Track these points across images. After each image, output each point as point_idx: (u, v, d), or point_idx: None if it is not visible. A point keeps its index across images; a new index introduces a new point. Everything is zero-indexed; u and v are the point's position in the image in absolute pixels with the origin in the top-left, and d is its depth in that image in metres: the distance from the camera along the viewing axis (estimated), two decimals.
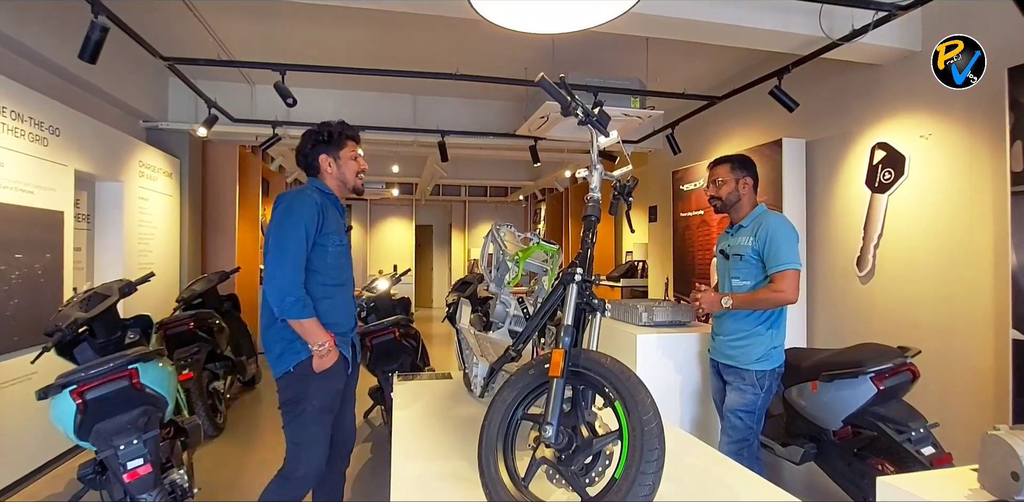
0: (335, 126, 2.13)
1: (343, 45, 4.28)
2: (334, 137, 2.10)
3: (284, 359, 1.99)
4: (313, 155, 2.10)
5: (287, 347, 1.98)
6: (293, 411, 1.99)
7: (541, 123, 4.27)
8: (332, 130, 2.11)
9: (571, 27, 1.66)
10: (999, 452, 1.17)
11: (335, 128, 2.12)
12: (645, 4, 2.06)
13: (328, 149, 2.10)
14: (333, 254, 2.04)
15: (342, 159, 2.11)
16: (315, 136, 2.10)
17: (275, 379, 2.03)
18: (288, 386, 2.00)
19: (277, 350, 1.99)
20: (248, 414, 4.52)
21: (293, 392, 1.99)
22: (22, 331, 3.03)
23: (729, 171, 2.47)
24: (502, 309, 1.90)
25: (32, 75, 3.39)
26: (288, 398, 2.00)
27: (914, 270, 3.10)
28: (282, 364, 1.99)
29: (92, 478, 2.03)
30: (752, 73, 4.04)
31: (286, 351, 1.98)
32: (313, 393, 1.98)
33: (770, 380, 2.35)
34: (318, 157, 2.10)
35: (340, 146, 2.11)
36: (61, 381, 1.99)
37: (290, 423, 2.00)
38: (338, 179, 2.13)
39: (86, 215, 4.19)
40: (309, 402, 1.98)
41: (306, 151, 2.11)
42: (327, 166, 2.11)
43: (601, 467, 1.16)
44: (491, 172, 9.72)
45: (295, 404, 1.99)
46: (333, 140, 2.10)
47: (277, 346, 1.99)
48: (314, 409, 1.99)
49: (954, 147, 2.91)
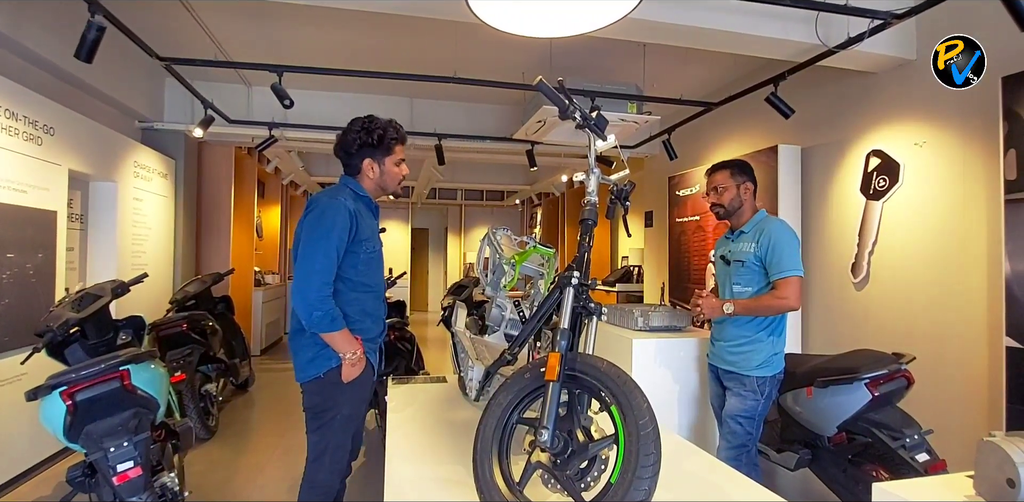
0: (386, 128, 2.01)
1: (341, 47, 4.28)
2: (384, 142, 1.99)
3: (315, 364, 1.93)
4: (358, 157, 2.01)
5: (319, 352, 1.92)
6: (320, 418, 1.95)
7: (538, 127, 4.28)
8: (383, 132, 1.99)
9: (569, 31, 1.67)
10: (994, 459, 1.17)
11: (387, 131, 2.00)
12: (643, 10, 2.07)
13: (375, 153, 2.00)
14: (364, 261, 1.97)
15: (387, 165, 2.03)
16: (363, 137, 1.98)
17: (300, 382, 1.97)
18: (316, 392, 1.95)
19: (308, 355, 1.94)
20: (240, 417, 4.49)
21: (321, 399, 1.95)
22: (12, 332, 3.00)
23: (729, 177, 2.45)
24: (498, 312, 1.90)
25: (27, 74, 3.37)
26: (315, 404, 1.96)
27: (908, 277, 3.12)
28: (312, 369, 1.94)
29: (81, 481, 2.00)
30: (748, 80, 4.06)
31: (318, 356, 1.92)
32: (343, 401, 1.95)
33: (770, 386, 2.34)
34: (363, 160, 2.01)
35: (388, 152, 2.02)
36: (51, 382, 1.96)
37: (316, 430, 1.97)
38: (377, 184, 2.06)
39: (79, 215, 4.16)
40: (338, 410, 1.95)
41: (351, 150, 2.00)
42: (369, 170, 2.02)
43: (597, 472, 1.16)
44: (488, 176, 9.72)
45: (323, 411, 1.95)
46: (382, 145, 2.00)
47: (309, 351, 1.94)
48: (343, 417, 1.96)
49: (948, 155, 2.93)
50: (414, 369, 3.83)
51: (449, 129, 5.34)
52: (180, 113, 5.08)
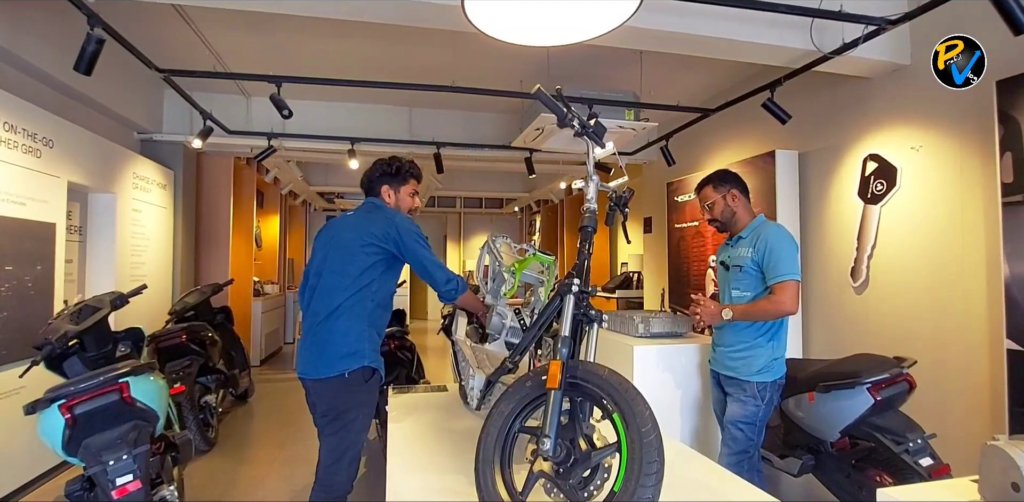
0: (404, 163, 2.32)
1: (339, 57, 4.31)
2: (400, 173, 2.30)
3: (347, 360, 2.00)
4: (378, 183, 2.29)
5: (356, 349, 2.02)
6: (341, 420, 2.02)
7: (537, 135, 4.30)
8: (400, 165, 2.30)
9: (566, 40, 1.67)
10: (999, 463, 1.16)
11: (403, 164, 2.31)
12: (639, 18, 2.08)
13: (391, 182, 2.29)
14: (394, 281, 2.24)
15: (401, 194, 2.31)
16: (383, 167, 2.29)
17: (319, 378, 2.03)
18: (336, 393, 2.02)
19: (343, 350, 2.01)
20: (240, 428, 4.46)
21: (341, 400, 2.02)
22: (11, 345, 2.99)
23: (713, 190, 2.49)
24: (498, 320, 1.89)
25: (26, 86, 3.38)
26: (335, 406, 2.02)
27: (908, 280, 3.11)
28: (342, 364, 2.00)
29: (80, 495, 1.98)
30: (745, 86, 4.08)
31: (355, 353, 2.02)
32: (363, 402, 2.04)
33: (771, 392, 2.34)
34: (381, 187, 2.29)
35: (403, 182, 2.31)
36: (50, 395, 1.95)
37: (337, 432, 2.02)
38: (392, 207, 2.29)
39: (78, 227, 4.16)
40: (359, 411, 2.03)
41: (373, 177, 2.30)
42: (386, 196, 2.29)
43: (599, 480, 1.15)
44: (487, 184, 9.74)
45: (343, 412, 2.01)
46: (398, 175, 2.29)
47: (344, 346, 2.02)
48: (362, 419, 2.04)
49: (945, 159, 2.94)
50: (414, 378, 3.82)
51: (448, 137, 5.36)
52: (179, 124, 5.09)
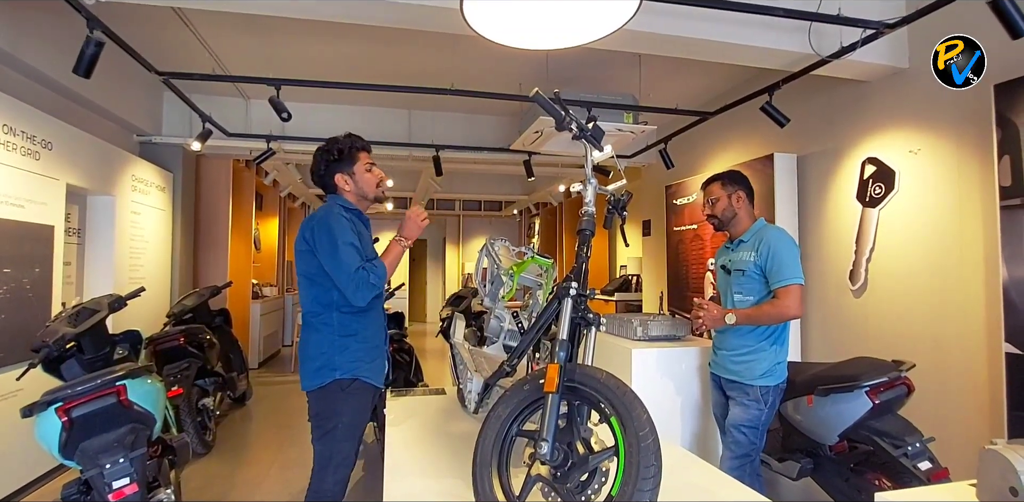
0: (343, 141, 2.12)
1: (338, 60, 4.31)
2: (345, 153, 2.10)
3: (320, 374, 1.99)
4: (329, 175, 2.11)
5: (325, 363, 1.99)
6: (324, 426, 2.01)
7: (535, 138, 4.30)
8: (341, 146, 2.10)
9: (565, 43, 1.68)
10: (997, 467, 1.16)
11: (343, 143, 2.11)
12: (638, 21, 2.09)
13: (342, 167, 2.10)
14: None
15: (357, 174, 2.11)
16: (326, 156, 2.10)
17: (306, 391, 2.04)
18: (320, 401, 2.01)
19: (315, 365, 2.00)
20: (238, 431, 4.45)
21: (324, 407, 2.01)
22: (8, 347, 2.98)
23: (720, 188, 2.49)
24: (496, 324, 1.89)
25: (26, 89, 3.38)
26: (319, 412, 2.02)
27: (906, 284, 3.12)
28: (316, 379, 2.00)
29: (76, 498, 1.97)
30: (743, 89, 4.09)
31: (324, 367, 1.99)
32: (345, 410, 2.00)
33: (774, 396, 2.34)
34: (334, 177, 2.10)
35: (353, 161, 2.10)
36: (47, 398, 1.95)
37: (321, 438, 2.02)
38: (357, 194, 2.13)
39: (77, 229, 4.15)
40: (340, 418, 2.00)
41: (321, 172, 2.12)
42: (344, 184, 2.10)
43: (597, 484, 1.15)
44: (485, 186, 9.74)
45: (326, 419, 2.00)
46: (344, 156, 2.10)
47: (315, 361, 2.00)
48: (344, 425, 2.01)
49: (943, 162, 2.95)
50: (413, 381, 3.81)
51: (447, 140, 5.36)
52: (178, 127, 5.09)
